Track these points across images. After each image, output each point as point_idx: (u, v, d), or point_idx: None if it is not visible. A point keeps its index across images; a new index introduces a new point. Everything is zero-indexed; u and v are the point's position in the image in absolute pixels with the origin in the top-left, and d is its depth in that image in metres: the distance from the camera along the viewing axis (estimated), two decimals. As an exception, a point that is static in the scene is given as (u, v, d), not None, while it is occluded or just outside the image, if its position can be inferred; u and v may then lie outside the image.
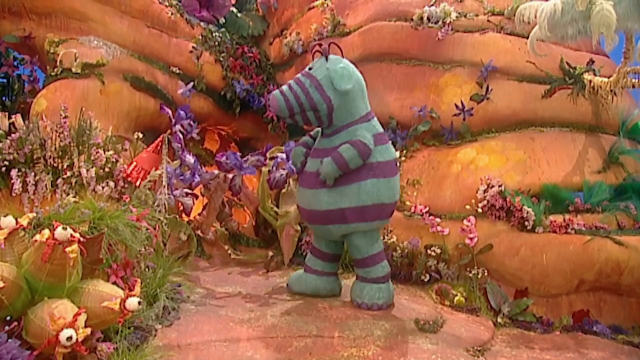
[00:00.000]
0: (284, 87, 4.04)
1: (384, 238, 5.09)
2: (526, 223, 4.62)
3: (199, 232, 5.37)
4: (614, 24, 4.00)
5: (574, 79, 5.21)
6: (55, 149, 4.24)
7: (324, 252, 4.36)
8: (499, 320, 4.42)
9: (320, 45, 4.11)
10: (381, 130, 4.14)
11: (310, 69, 4.07)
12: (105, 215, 3.47)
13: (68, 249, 2.69)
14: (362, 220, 4.02)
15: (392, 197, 4.09)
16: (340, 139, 3.99)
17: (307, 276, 4.40)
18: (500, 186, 4.76)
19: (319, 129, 4.24)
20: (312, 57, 4.17)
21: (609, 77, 4.98)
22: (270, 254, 5.40)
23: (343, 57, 4.17)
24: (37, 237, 2.73)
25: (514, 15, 5.06)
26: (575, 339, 4.22)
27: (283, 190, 5.51)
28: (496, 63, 5.24)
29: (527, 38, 4.94)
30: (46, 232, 2.73)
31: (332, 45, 4.15)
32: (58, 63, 5.39)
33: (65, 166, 4.17)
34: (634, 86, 4.74)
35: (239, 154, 5.49)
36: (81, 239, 2.82)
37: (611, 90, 4.97)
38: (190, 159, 5.14)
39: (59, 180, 4.04)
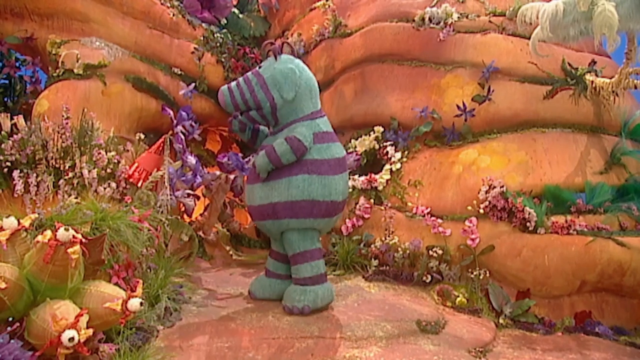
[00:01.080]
0: (232, 84, 4.11)
1: (385, 239, 5.10)
2: (528, 224, 4.61)
3: (200, 233, 5.37)
4: (616, 25, 4.00)
5: (575, 79, 5.20)
6: (57, 150, 4.25)
7: (282, 254, 4.24)
8: (501, 321, 4.41)
9: (272, 44, 4.12)
10: (326, 129, 4.09)
11: (259, 67, 4.10)
12: (107, 216, 3.48)
13: (70, 250, 2.70)
14: (292, 217, 3.95)
15: (327, 195, 3.94)
16: (281, 136, 3.99)
17: (270, 281, 4.29)
18: (502, 187, 4.75)
19: None
20: (265, 56, 4.18)
21: (610, 78, 4.97)
22: (272, 254, 5.38)
23: (295, 56, 4.20)
24: (39, 238, 2.73)
25: (516, 16, 5.07)
26: (577, 340, 4.21)
27: (285, 191, 5.50)
28: (498, 64, 5.23)
29: (529, 39, 4.94)
30: (48, 233, 2.73)
31: (285, 44, 4.19)
32: (60, 64, 5.41)
33: (67, 167, 4.19)
34: (635, 87, 4.73)
35: (240, 154, 5.50)
36: (83, 240, 2.82)
37: (613, 91, 4.96)
38: (192, 159, 5.15)
39: (61, 181, 4.06)
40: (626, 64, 4.64)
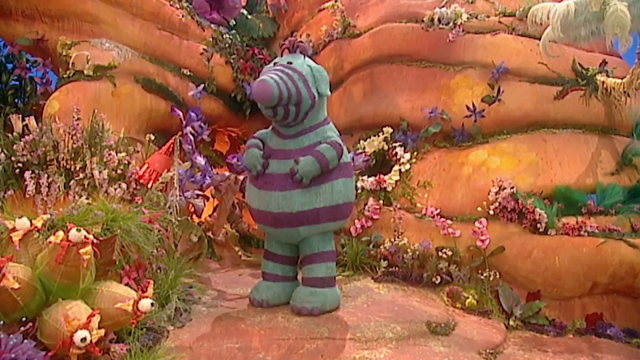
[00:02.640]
0: (274, 76, 3.75)
1: (394, 240, 5.09)
2: (538, 225, 4.59)
3: (209, 233, 5.38)
4: (629, 25, 3.97)
5: (586, 80, 5.17)
6: (68, 150, 4.27)
7: (284, 256, 4.19)
8: (511, 323, 4.39)
9: (300, 41, 4.09)
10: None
11: (290, 63, 3.91)
12: (118, 217, 3.49)
13: (82, 251, 2.70)
14: (333, 220, 3.99)
15: (353, 196, 4.14)
16: (309, 139, 3.93)
17: (284, 285, 4.17)
18: (512, 188, 4.73)
19: (266, 130, 4.19)
20: (281, 53, 4.09)
21: (622, 79, 4.94)
22: (281, 255, 5.38)
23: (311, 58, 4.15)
24: (52, 238, 2.74)
25: (526, 17, 5.04)
26: (588, 343, 4.18)
27: (293, 192, 5.50)
28: (508, 64, 5.21)
29: (539, 39, 4.92)
30: (60, 233, 2.74)
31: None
32: (70, 65, 5.44)
33: (77, 168, 4.20)
34: (647, 87, 4.70)
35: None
36: (95, 240, 2.83)
37: (624, 92, 4.92)
38: (201, 160, 5.16)
39: (72, 181, 4.07)
40: (638, 64, 4.60)
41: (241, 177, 5.28)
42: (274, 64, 4.01)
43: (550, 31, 4.62)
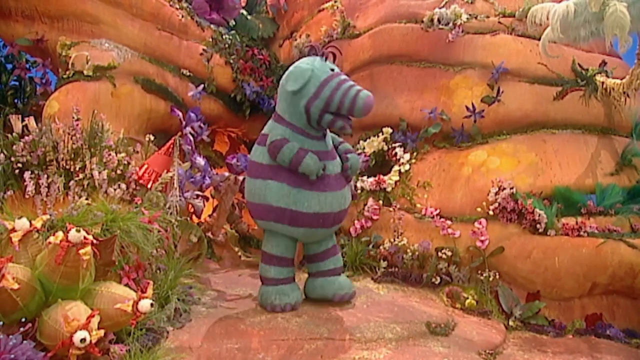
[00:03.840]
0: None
1: (394, 240, 5.09)
2: (538, 226, 4.59)
3: (209, 234, 5.37)
4: (628, 26, 3.97)
5: (586, 80, 5.17)
6: (68, 151, 4.27)
7: (289, 259, 4.18)
8: (511, 323, 4.39)
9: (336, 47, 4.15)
10: None
11: (332, 69, 3.94)
12: (118, 218, 3.49)
13: (81, 251, 2.70)
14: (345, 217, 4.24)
15: None
16: (329, 141, 4.10)
17: (323, 280, 4.19)
18: (511, 188, 4.73)
19: (282, 131, 3.92)
20: (326, 58, 4.00)
21: (621, 79, 4.94)
22: (281, 256, 5.38)
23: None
24: (51, 239, 2.74)
25: (525, 17, 5.05)
26: (588, 343, 4.19)
27: (293, 193, 5.51)
28: (507, 65, 5.21)
29: (539, 40, 4.93)
30: (60, 234, 2.74)
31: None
32: (70, 66, 5.45)
33: (77, 168, 4.20)
34: (647, 88, 4.70)
35: (249, 156, 5.50)
36: (94, 241, 2.83)
37: (624, 92, 4.92)
38: (200, 161, 5.16)
39: (72, 182, 4.07)
40: (637, 64, 4.60)
41: (241, 178, 5.27)
42: (332, 70, 3.92)
43: (550, 32, 4.63)
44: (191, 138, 5.21)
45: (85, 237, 2.74)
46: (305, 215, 3.90)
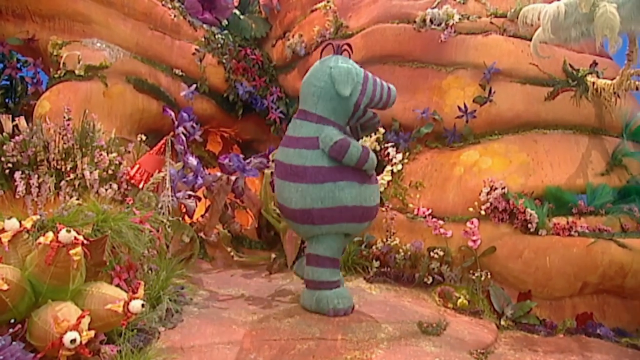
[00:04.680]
0: None
1: (386, 240, 5.10)
2: (529, 225, 4.61)
3: (201, 234, 5.36)
4: (618, 27, 3.99)
5: (577, 81, 5.20)
6: (59, 151, 4.25)
7: (339, 260, 4.21)
8: (502, 322, 4.41)
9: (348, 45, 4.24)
10: None
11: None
12: (109, 218, 3.48)
13: (72, 252, 2.70)
14: None
15: None
16: None
17: (343, 291, 4.14)
18: (503, 188, 4.75)
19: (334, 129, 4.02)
20: (341, 54, 4.18)
21: (612, 80, 4.97)
22: (273, 256, 5.39)
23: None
24: (41, 239, 2.73)
25: (517, 18, 5.05)
26: (579, 342, 4.21)
27: (286, 193, 5.51)
28: (499, 65, 5.23)
29: (530, 40, 4.94)
30: (50, 234, 2.73)
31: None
32: (61, 65, 5.40)
33: (68, 168, 4.19)
34: (637, 88, 4.73)
35: (241, 156, 5.50)
36: (85, 241, 2.82)
37: (614, 93, 4.95)
38: (193, 161, 5.15)
39: (62, 182, 4.06)
40: (627, 65, 4.64)
41: (233, 178, 5.27)
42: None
43: (541, 32, 4.65)
44: (183, 138, 5.21)
45: (75, 238, 2.74)
46: (371, 210, 4.08)
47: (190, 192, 5.00)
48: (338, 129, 3.95)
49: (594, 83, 5.09)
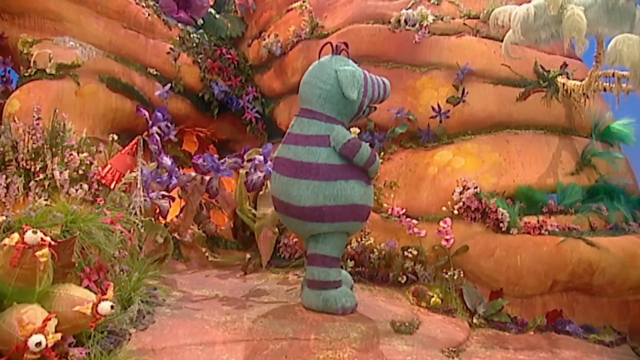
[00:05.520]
0: None
1: (360, 240, 5.12)
2: (501, 224, 4.68)
3: (176, 234, 5.32)
4: (585, 29, 4.06)
5: (548, 82, 5.29)
6: (28, 151, 4.19)
7: (340, 259, 4.23)
8: (475, 321, 4.46)
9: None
10: None
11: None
12: (78, 219, 3.43)
13: (38, 253, 2.65)
14: None
15: None
16: None
17: (346, 289, 4.16)
18: (475, 188, 4.81)
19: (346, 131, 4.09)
20: (339, 53, 4.21)
21: (581, 81, 5.05)
22: (248, 256, 5.37)
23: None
24: (6, 241, 2.68)
25: (489, 19, 5.11)
26: (548, 339, 4.28)
27: (260, 193, 5.51)
28: (472, 66, 5.29)
29: (502, 41, 5.00)
30: (15, 235, 2.68)
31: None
32: (32, 64, 5.31)
33: (37, 168, 4.12)
34: (605, 89, 4.82)
35: (216, 156, 5.47)
36: (52, 242, 2.78)
37: (584, 94, 5.04)
38: (167, 161, 5.11)
39: (32, 183, 4.00)
40: (596, 67, 4.72)
41: (207, 178, 5.24)
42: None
43: (512, 34, 4.71)
44: (158, 138, 5.16)
45: (42, 239, 2.69)
46: (370, 210, 4.19)
47: (164, 192, 4.96)
48: (345, 129, 4.02)
49: (564, 84, 5.17)
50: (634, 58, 3.96)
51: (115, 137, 5.10)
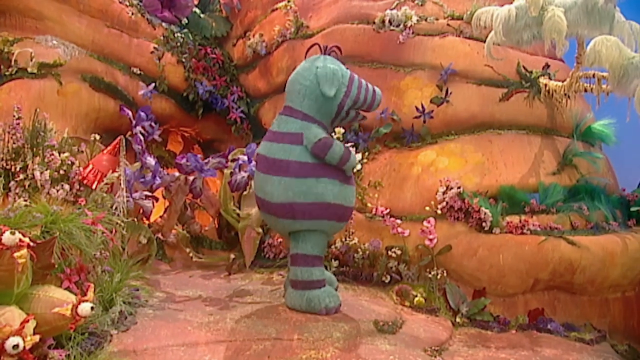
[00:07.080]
0: None
1: (345, 240, 5.13)
2: (484, 224, 4.71)
3: (159, 235, 5.30)
4: (565, 30, 4.12)
5: (530, 82, 5.34)
6: (8, 150, 4.13)
7: (323, 258, 4.20)
8: (458, 320, 4.50)
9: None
10: None
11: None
12: (59, 219, 3.38)
13: (16, 254, 2.62)
14: None
15: None
16: None
17: (330, 289, 4.12)
18: (459, 188, 4.84)
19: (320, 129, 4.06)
20: (329, 54, 4.18)
21: (563, 81, 5.11)
22: (232, 256, 5.36)
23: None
24: (-17, 242, 2.64)
25: (472, 20, 5.15)
26: (530, 337, 4.32)
27: (245, 193, 5.49)
28: (455, 66, 5.33)
29: (485, 42, 5.04)
30: (-7, 237, 2.65)
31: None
32: (13, 63, 5.25)
33: (18, 169, 4.07)
34: (586, 90, 4.88)
35: (200, 156, 5.46)
36: (31, 243, 2.74)
37: (565, 94, 5.10)
38: (151, 161, 5.08)
39: (12, 183, 3.94)
40: (577, 67, 4.78)
41: (191, 178, 5.22)
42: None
43: (494, 34, 4.75)
44: (141, 138, 5.13)
45: (20, 240, 2.66)
46: (349, 210, 4.12)
47: (147, 193, 4.93)
48: (322, 128, 3.99)
49: (546, 85, 5.24)
50: (612, 59, 4.01)
51: (98, 137, 5.05)
